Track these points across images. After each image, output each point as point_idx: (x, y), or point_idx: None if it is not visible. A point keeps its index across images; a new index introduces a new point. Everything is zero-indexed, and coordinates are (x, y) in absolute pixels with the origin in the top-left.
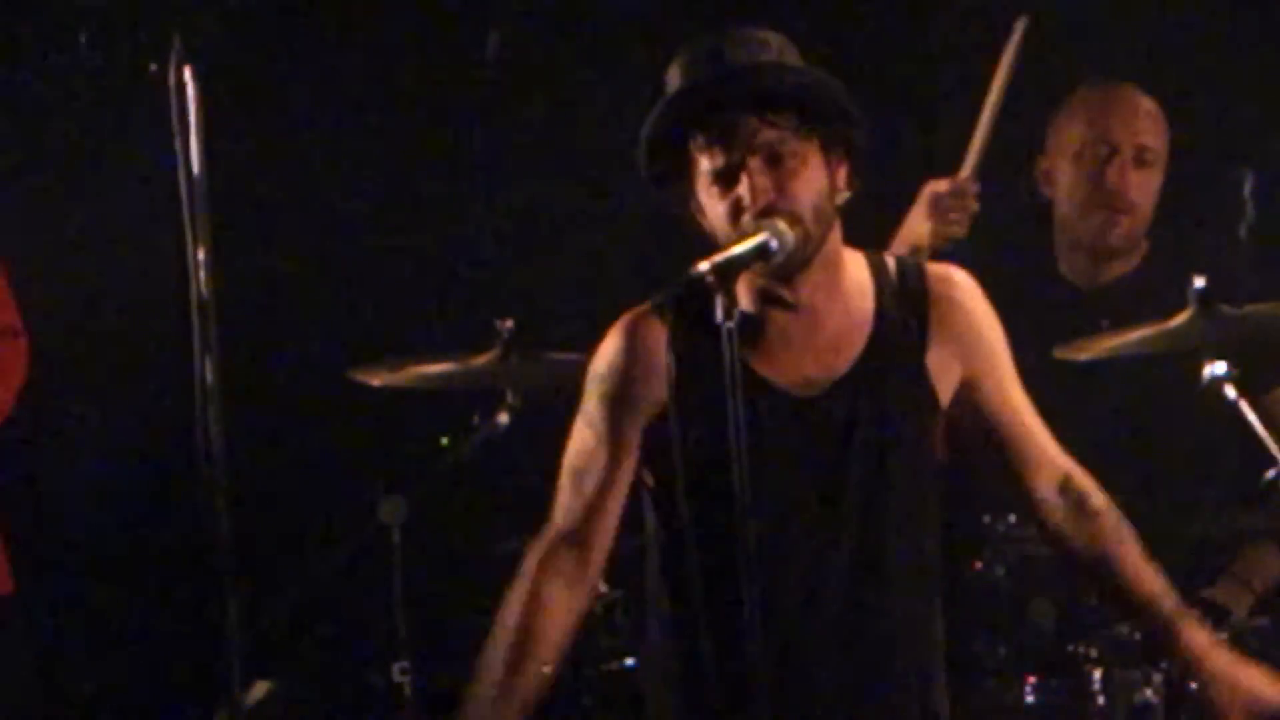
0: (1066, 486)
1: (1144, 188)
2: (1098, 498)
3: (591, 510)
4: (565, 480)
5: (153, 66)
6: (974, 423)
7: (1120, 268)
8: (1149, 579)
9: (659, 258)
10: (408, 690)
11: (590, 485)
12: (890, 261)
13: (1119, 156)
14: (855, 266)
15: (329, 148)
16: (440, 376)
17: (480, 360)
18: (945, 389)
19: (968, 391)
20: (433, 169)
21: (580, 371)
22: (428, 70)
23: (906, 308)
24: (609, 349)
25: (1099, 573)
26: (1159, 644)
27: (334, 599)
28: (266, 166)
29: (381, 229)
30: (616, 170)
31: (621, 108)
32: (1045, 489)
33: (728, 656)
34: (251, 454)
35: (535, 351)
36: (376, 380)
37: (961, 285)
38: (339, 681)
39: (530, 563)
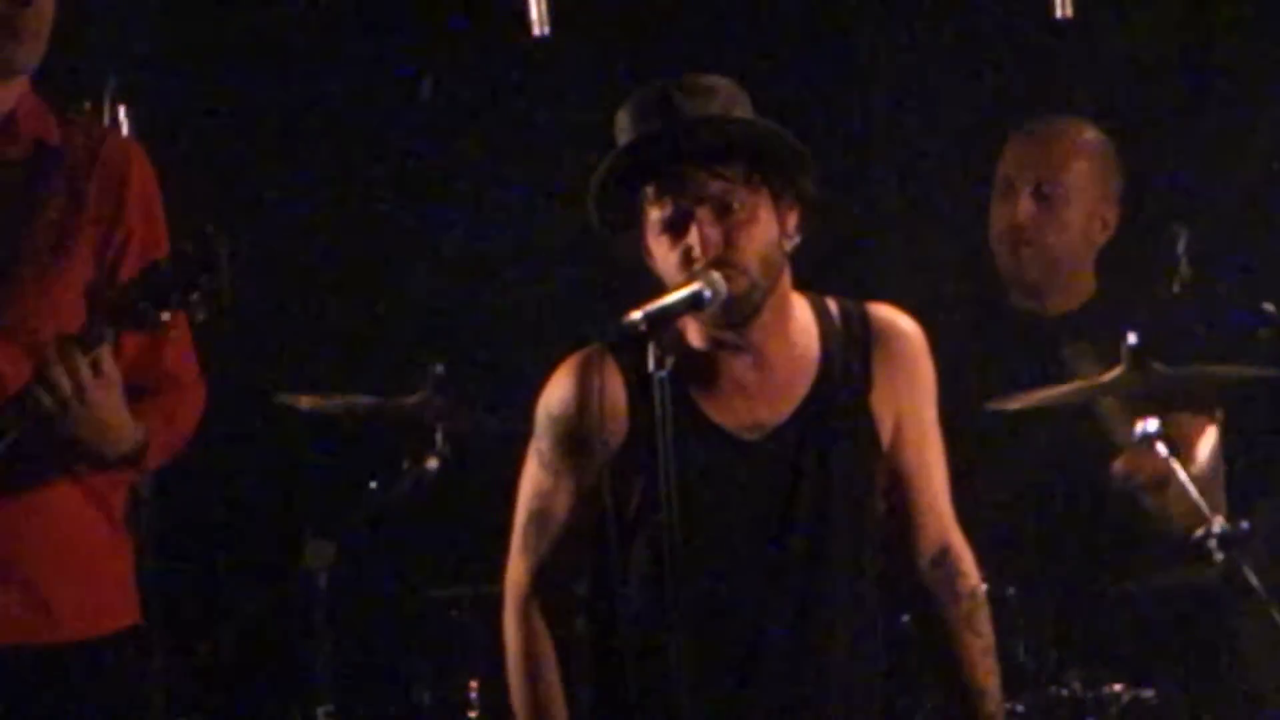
0: (942, 559)
1: (1042, 221)
2: (967, 580)
3: (558, 552)
4: (526, 525)
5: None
6: (886, 466)
7: (1062, 304)
8: (981, 677)
9: (593, 306)
10: None
11: (554, 528)
12: (833, 304)
13: (1015, 192)
14: (799, 309)
15: (262, 182)
16: (367, 407)
17: (409, 400)
18: (887, 431)
19: (891, 434)
20: (370, 211)
21: (511, 420)
22: (364, 111)
23: (850, 349)
24: (562, 389)
25: (944, 649)
26: None
27: (260, 641)
28: (197, 201)
29: (315, 270)
30: (553, 217)
31: (561, 151)
32: (923, 554)
33: (661, 699)
34: (179, 496)
35: (464, 397)
36: (304, 403)
37: (905, 329)
38: None
39: (513, 623)
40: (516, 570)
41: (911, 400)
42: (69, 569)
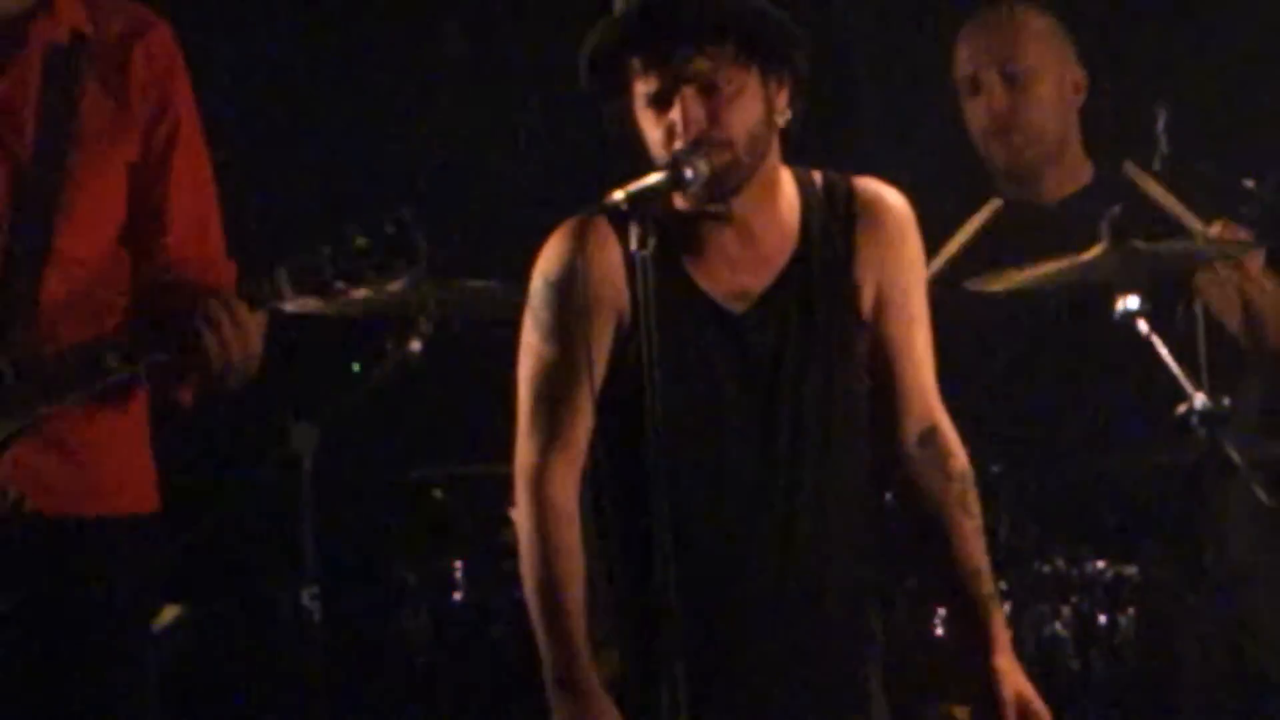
0: (929, 438)
1: (1018, 102)
2: (957, 460)
3: (570, 427)
4: (534, 404)
5: None
6: (869, 342)
7: (1058, 189)
8: (976, 557)
9: (573, 186)
10: (317, 615)
11: (563, 402)
12: (817, 176)
13: (982, 85)
14: (785, 183)
15: (242, 73)
16: (353, 301)
17: (393, 285)
18: (868, 300)
19: (874, 307)
20: (346, 96)
21: (494, 299)
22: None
23: (832, 220)
24: (560, 253)
25: (932, 532)
26: (963, 621)
27: (244, 525)
28: None
29: (295, 158)
30: (531, 100)
31: (539, 36)
32: (909, 434)
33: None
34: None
35: (448, 278)
36: (289, 305)
37: (890, 201)
38: (248, 606)
39: (527, 504)
40: (526, 452)
41: (895, 272)
42: (114, 449)
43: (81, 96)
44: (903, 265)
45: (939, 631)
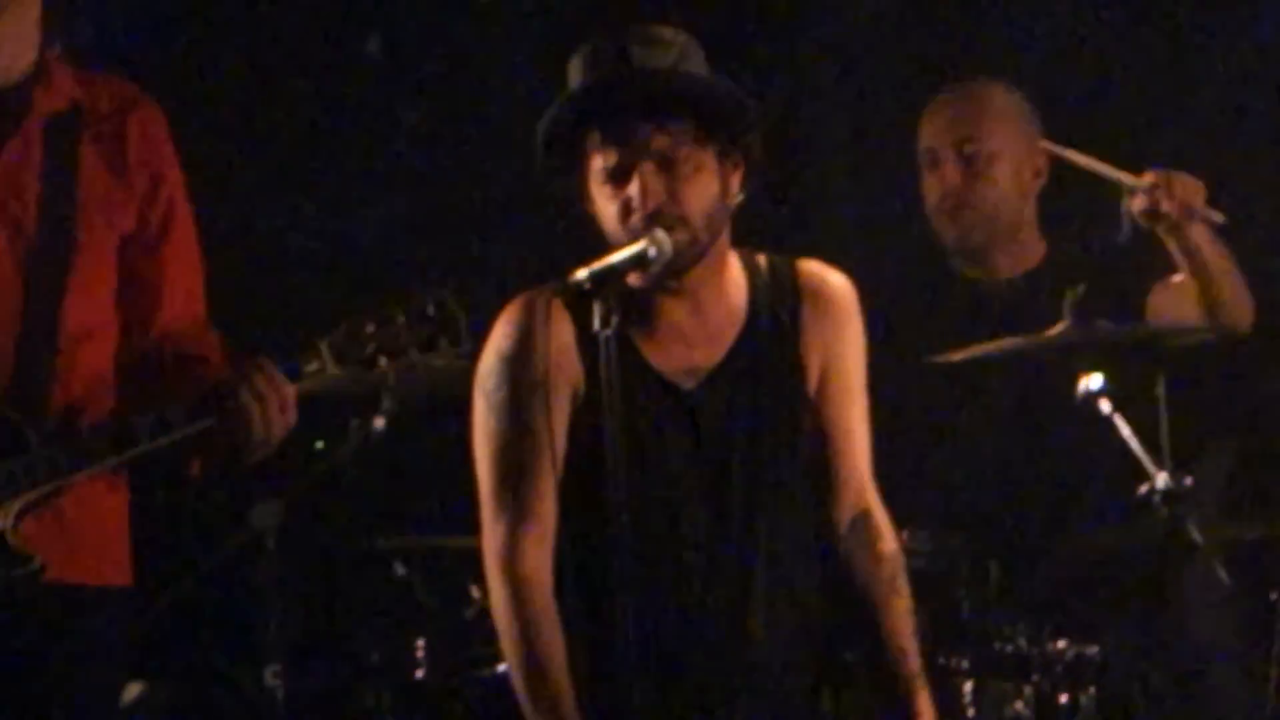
0: (861, 522)
1: (978, 186)
2: (887, 544)
3: (538, 504)
4: (498, 486)
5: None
6: (810, 418)
7: (1010, 267)
8: (904, 635)
9: (535, 267)
10: (280, 694)
11: (527, 480)
12: (761, 259)
13: (940, 160)
14: (732, 263)
15: (206, 147)
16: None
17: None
18: (813, 379)
19: (817, 386)
20: (313, 172)
21: (458, 376)
22: (311, 68)
23: (778, 300)
24: (512, 328)
25: (865, 611)
26: (888, 696)
27: (207, 602)
28: None
29: (257, 233)
30: (497, 178)
31: (503, 114)
32: (841, 515)
33: (621, 649)
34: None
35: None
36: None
37: (834, 282)
38: (211, 684)
39: (501, 588)
40: (495, 535)
41: (839, 351)
42: (101, 518)
43: (79, 166)
44: (846, 345)
45: None
